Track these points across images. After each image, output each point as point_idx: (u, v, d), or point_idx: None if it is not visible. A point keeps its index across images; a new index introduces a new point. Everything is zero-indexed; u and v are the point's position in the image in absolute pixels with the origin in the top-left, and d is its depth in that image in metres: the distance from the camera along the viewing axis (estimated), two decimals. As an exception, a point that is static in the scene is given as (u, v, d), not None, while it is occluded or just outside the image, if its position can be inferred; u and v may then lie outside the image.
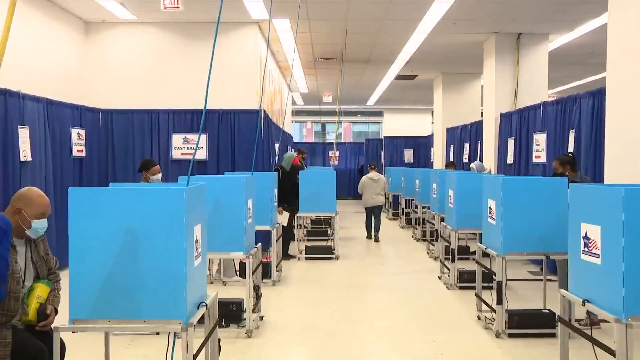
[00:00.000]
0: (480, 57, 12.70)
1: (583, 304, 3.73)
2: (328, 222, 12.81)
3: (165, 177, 8.48)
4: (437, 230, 9.43)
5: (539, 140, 9.51)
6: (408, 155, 21.33)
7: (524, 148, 10.24)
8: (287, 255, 9.82)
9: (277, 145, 11.23)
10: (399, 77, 17.12)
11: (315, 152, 24.31)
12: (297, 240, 10.47)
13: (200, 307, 3.50)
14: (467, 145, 14.35)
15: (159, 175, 6.35)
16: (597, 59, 13.89)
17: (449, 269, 7.88)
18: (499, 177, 5.95)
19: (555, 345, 4.39)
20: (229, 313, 5.73)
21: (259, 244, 6.18)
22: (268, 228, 7.70)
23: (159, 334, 5.28)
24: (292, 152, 12.23)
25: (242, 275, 7.89)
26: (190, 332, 3.21)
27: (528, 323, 5.62)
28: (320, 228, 12.80)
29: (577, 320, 5.60)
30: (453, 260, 7.70)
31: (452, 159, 15.02)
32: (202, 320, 3.60)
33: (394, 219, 16.49)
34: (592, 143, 7.55)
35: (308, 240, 11.41)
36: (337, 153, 23.21)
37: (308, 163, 19.90)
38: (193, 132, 10.07)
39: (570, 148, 8.09)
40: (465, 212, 7.48)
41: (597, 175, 7.22)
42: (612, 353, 3.40)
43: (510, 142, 10.86)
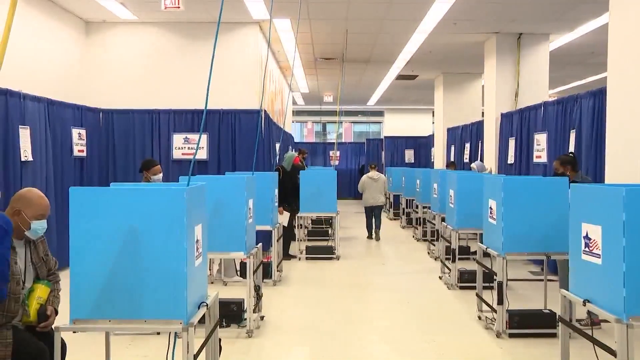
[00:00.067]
0: (481, 57, 12.70)
1: (584, 304, 3.73)
2: (329, 222, 12.82)
3: (166, 177, 8.48)
4: (437, 230, 9.43)
5: (540, 140, 9.51)
6: (409, 155, 21.34)
7: (525, 148, 10.24)
8: (287, 255, 9.82)
9: (277, 145, 11.24)
10: (400, 77, 17.12)
11: (316, 152, 24.31)
12: (297, 240, 10.47)
13: (201, 307, 3.50)
14: (467, 145, 14.34)
15: (160, 175, 6.36)
16: (597, 59, 13.88)
17: (450, 269, 7.88)
18: (500, 177, 5.94)
19: (556, 346, 4.38)
20: (230, 313, 5.73)
21: (260, 244, 6.18)
22: (269, 228, 7.70)
23: (160, 334, 5.28)
24: (292, 152, 12.23)
25: (242, 275, 7.90)
26: (191, 332, 3.21)
27: (529, 323, 5.62)
28: (321, 228, 12.79)
29: (577, 320, 5.59)
30: (454, 260, 7.70)
31: (452, 159, 15.02)
32: (202, 320, 3.60)
33: (395, 219, 16.49)
34: (592, 143, 7.55)
35: (309, 240, 11.41)
36: (337, 153, 23.21)
37: (309, 163, 19.89)
38: (194, 132, 10.07)
39: (571, 148, 8.09)
40: (466, 212, 7.49)
41: (597, 175, 7.22)
42: (613, 353, 3.40)
43: (511, 142, 10.85)
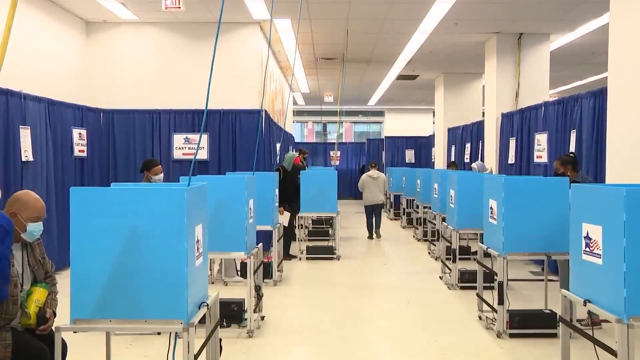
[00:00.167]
0: (482, 57, 12.70)
1: (584, 304, 3.73)
2: (329, 222, 12.82)
3: (167, 177, 8.48)
4: (438, 231, 9.42)
5: (541, 140, 9.50)
6: (409, 155, 21.33)
7: (525, 148, 10.24)
8: (288, 255, 9.83)
9: (278, 146, 11.24)
10: (400, 77, 17.11)
11: (317, 152, 24.32)
12: (298, 241, 10.47)
13: (202, 307, 3.50)
14: (468, 145, 14.34)
15: (161, 175, 6.36)
16: (598, 59, 13.88)
17: (450, 269, 7.87)
18: (500, 177, 5.94)
19: (557, 346, 4.38)
20: (230, 313, 5.73)
21: (260, 244, 6.18)
22: (269, 228, 7.70)
23: (160, 334, 5.30)
24: (293, 152, 12.24)
25: (243, 275, 7.90)
26: (192, 332, 3.21)
27: (529, 323, 5.62)
28: (322, 228, 12.80)
29: (578, 321, 5.59)
30: (454, 261, 7.69)
31: (453, 159, 15.02)
32: (203, 320, 3.60)
33: (395, 219, 16.48)
34: (593, 143, 7.54)
35: (309, 240, 11.41)
36: (338, 153, 23.21)
37: (309, 163, 19.89)
38: (194, 132, 10.08)
39: (572, 148, 8.08)
40: (467, 212, 7.50)
41: (598, 176, 7.21)
42: (613, 353, 3.39)
43: (512, 142, 10.85)
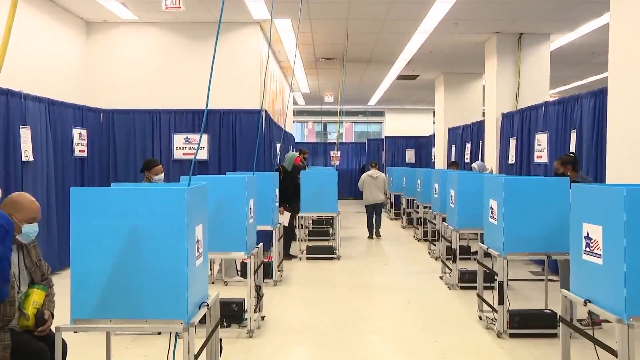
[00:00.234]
0: (482, 57, 12.70)
1: (585, 304, 3.72)
2: (329, 222, 12.82)
3: (167, 177, 8.48)
4: (438, 231, 9.42)
5: (541, 140, 9.50)
6: (409, 155, 21.33)
7: (526, 148, 10.24)
8: (288, 255, 9.83)
9: (278, 146, 11.24)
10: (401, 77, 17.11)
11: (317, 152, 24.31)
12: (298, 240, 10.47)
13: (202, 307, 3.50)
14: (468, 145, 14.34)
15: (162, 175, 6.35)
16: (598, 59, 13.88)
17: (451, 269, 7.87)
18: (501, 177, 5.94)
19: (557, 346, 4.38)
20: (231, 313, 5.73)
21: (261, 244, 6.18)
22: (269, 228, 7.70)
23: (161, 334, 5.30)
24: (293, 152, 12.23)
25: (243, 275, 7.91)
26: (192, 332, 3.21)
27: (529, 323, 5.62)
28: (322, 228, 12.80)
29: (578, 321, 5.58)
30: (454, 261, 7.69)
31: (454, 159, 15.02)
32: (203, 320, 3.60)
33: (396, 219, 16.47)
34: (593, 143, 7.54)
35: (309, 240, 11.40)
36: (338, 153, 23.21)
37: (309, 163, 19.89)
38: (194, 132, 10.08)
39: (572, 148, 8.08)
40: (467, 212, 7.50)
41: (598, 176, 7.21)
42: (614, 353, 3.39)
43: (512, 142, 10.85)
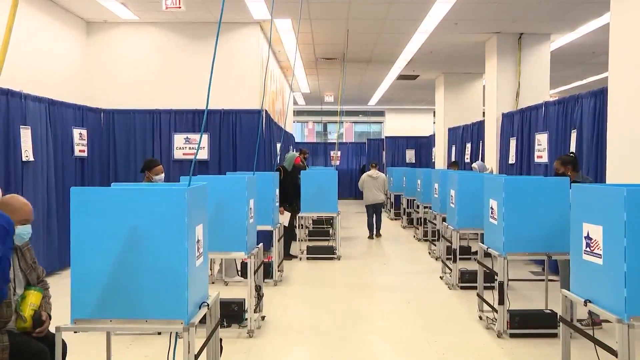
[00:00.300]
0: (482, 57, 12.70)
1: (585, 304, 3.72)
2: (330, 222, 12.82)
3: (167, 177, 8.49)
4: (438, 231, 9.42)
5: (541, 140, 9.50)
6: (410, 155, 21.33)
7: (526, 148, 10.24)
8: (288, 255, 9.83)
9: (278, 145, 11.24)
10: (401, 77, 17.11)
11: (317, 152, 24.32)
12: (298, 240, 10.47)
13: (202, 307, 3.50)
14: (468, 145, 14.34)
15: (162, 175, 6.36)
16: (598, 59, 13.88)
17: (451, 269, 7.87)
18: (501, 177, 5.94)
19: (557, 346, 4.38)
20: (231, 313, 5.73)
21: (261, 244, 6.18)
22: (270, 228, 7.70)
23: (161, 334, 5.30)
24: (293, 152, 12.23)
25: (243, 275, 7.91)
26: (192, 332, 3.21)
27: (530, 323, 5.62)
28: (322, 228, 12.80)
29: (579, 321, 5.58)
30: (455, 261, 7.69)
31: (454, 159, 15.02)
32: (203, 320, 3.60)
33: (396, 219, 16.47)
34: (593, 143, 7.54)
35: (310, 240, 11.41)
36: (338, 153, 23.21)
37: (310, 163, 19.90)
38: (195, 132, 10.08)
39: (572, 148, 8.08)
40: (467, 212, 7.49)
41: (598, 176, 7.21)
42: (614, 353, 3.39)
43: (512, 142, 10.85)
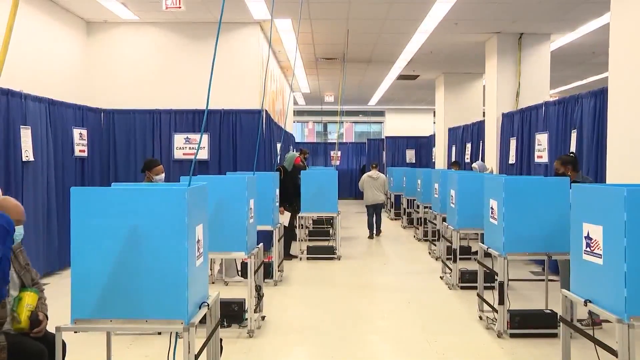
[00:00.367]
0: (482, 57, 12.69)
1: (585, 304, 3.72)
2: (330, 222, 12.82)
3: (167, 177, 8.49)
4: (438, 231, 9.42)
5: (541, 140, 9.50)
6: (410, 155, 21.34)
7: (526, 148, 10.23)
8: (288, 255, 9.83)
9: (278, 145, 11.24)
10: (401, 77, 17.11)
11: (317, 152, 24.33)
12: (298, 240, 10.47)
13: (202, 307, 3.50)
14: (468, 145, 14.34)
15: (162, 175, 6.36)
16: (599, 59, 13.88)
17: (451, 269, 7.87)
18: (501, 177, 5.94)
19: (557, 346, 4.38)
20: (231, 313, 5.73)
21: (261, 244, 6.19)
22: (270, 228, 7.70)
23: (161, 334, 5.30)
24: (293, 152, 12.23)
25: (243, 275, 7.91)
26: (192, 332, 3.21)
27: (530, 323, 5.62)
28: (322, 228, 12.80)
29: (579, 321, 5.57)
30: (455, 261, 7.69)
31: (454, 159, 15.02)
32: (203, 320, 3.61)
33: (396, 219, 16.47)
34: (594, 143, 7.54)
35: (310, 240, 11.41)
36: (338, 153, 23.22)
37: (310, 163, 19.90)
38: (195, 132, 10.08)
39: (572, 148, 8.08)
40: (467, 212, 7.49)
41: (599, 176, 7.21)
42: (614, 353, 3.40)
43: (512, 142, 10.85)
